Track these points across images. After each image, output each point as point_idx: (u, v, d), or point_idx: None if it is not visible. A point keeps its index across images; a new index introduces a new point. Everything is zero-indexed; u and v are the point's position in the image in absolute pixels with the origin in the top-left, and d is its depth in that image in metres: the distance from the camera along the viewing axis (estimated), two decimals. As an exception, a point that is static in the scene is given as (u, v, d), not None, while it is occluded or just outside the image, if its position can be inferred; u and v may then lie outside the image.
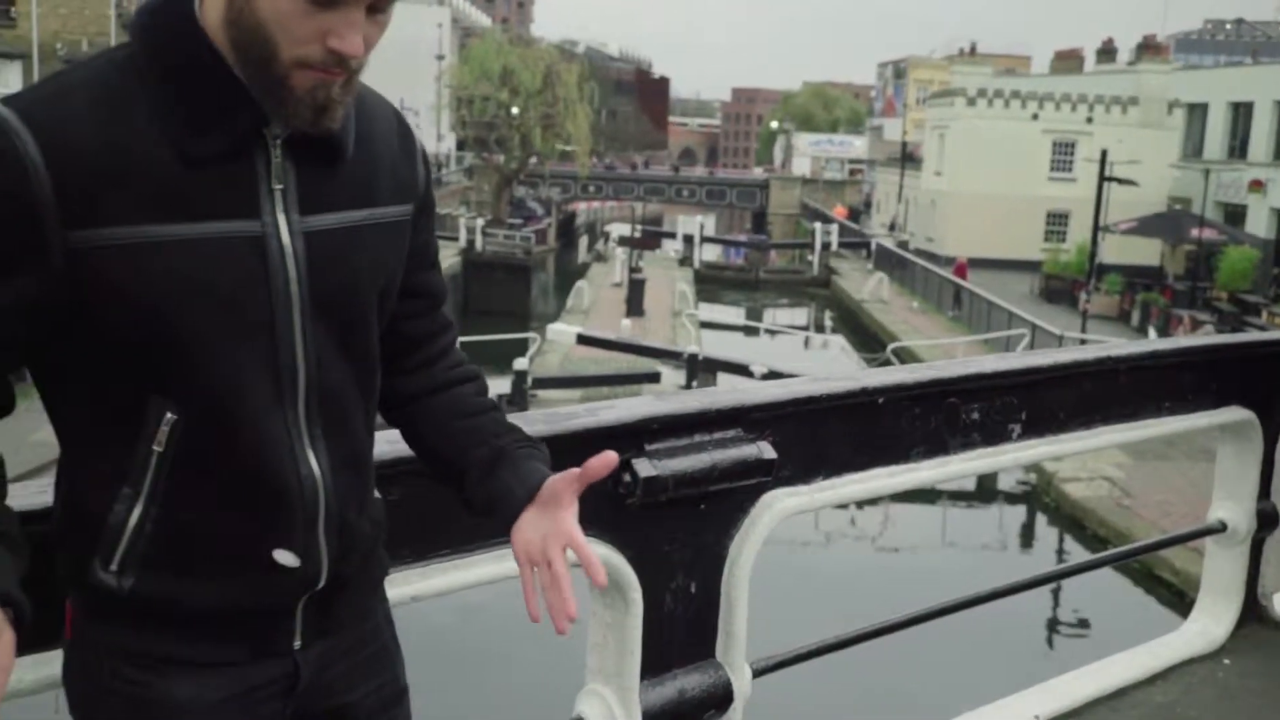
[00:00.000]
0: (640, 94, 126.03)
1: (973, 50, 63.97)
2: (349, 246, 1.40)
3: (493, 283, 42.93)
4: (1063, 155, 49.34)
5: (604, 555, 2.03)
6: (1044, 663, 13.41)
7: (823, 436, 2.40)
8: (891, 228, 58.10)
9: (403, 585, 1.79)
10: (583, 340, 25.89)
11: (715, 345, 29.55)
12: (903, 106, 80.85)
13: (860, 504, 18.23)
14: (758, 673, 2.37)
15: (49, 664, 1.47)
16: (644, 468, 2.03)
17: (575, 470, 1.43)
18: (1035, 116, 49.33)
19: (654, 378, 24.15)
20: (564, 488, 1.43)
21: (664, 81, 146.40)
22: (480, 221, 46.78)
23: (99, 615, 1.37)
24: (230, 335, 1.31)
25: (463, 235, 44.93)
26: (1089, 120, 48.75)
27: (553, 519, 1.42)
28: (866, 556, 17.12)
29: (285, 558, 1.37)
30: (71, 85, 1.28)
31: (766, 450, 2.22)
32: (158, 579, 1.34)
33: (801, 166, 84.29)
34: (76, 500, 1.36)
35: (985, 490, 20.07)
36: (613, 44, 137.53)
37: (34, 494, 1.47)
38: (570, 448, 1.98)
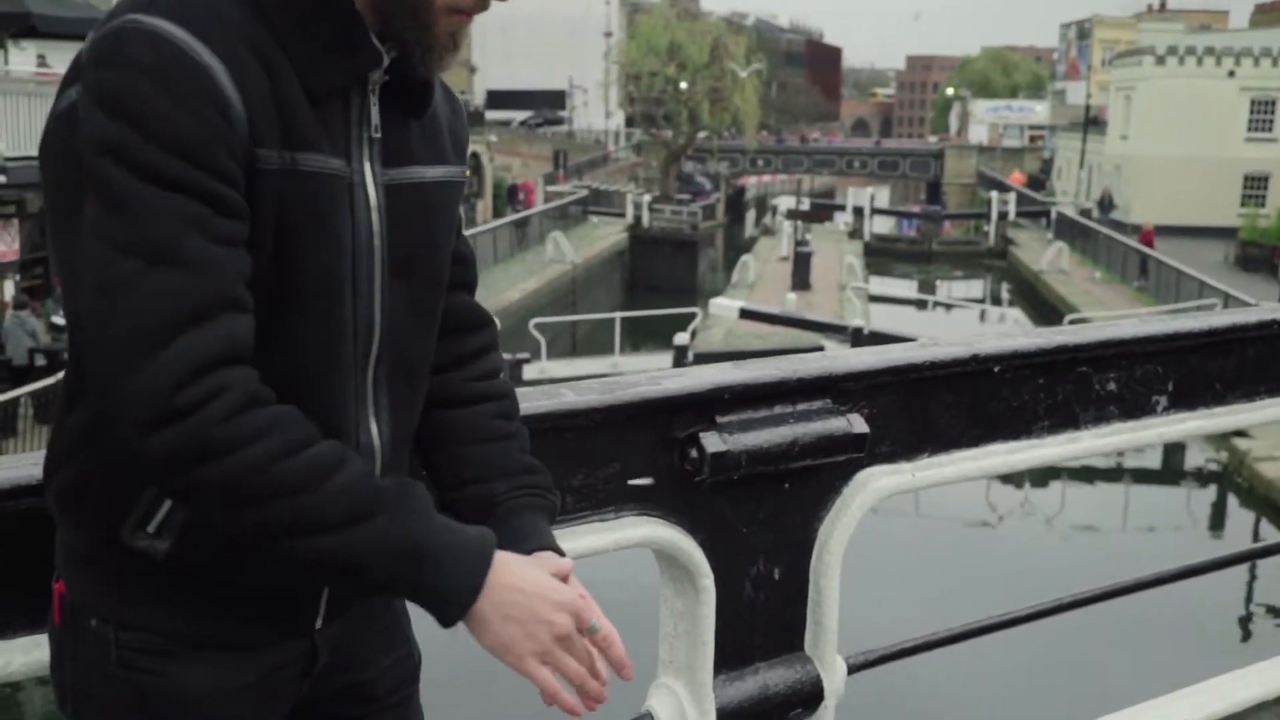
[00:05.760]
0: (811, 65, 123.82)
1: (1163, 6, 60.72)
2: (427, 203, 1.32)
3: (660, 258, 42.96)
4: (1262, 114, 46.36)
5: (671, 537, 1.86)
6: (1208, 661, 12.51)
7: (928, 409, 2.16)
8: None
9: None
10: (745, 315, 25.53)
11: (885, 319, 28.82)
12: (1086, 68, 77.14)
13: (1017, 481, 17.38)
14: (854, 668, 2.15)
15: (42, 648, 1.37)
16: (712, 442, 1.84)
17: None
18: (1232, 74, 46.43)
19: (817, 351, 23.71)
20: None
21: (835, 51, 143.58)
22: (647, 198, 46.79)
23: (115, 590, 1.25)
24: (329, 286, 1.22)
25: (630, 211, 45.09)
26: (1292, 76, 45.67)
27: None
28: (1023, 536, 16.28)
29: None
30: None
31: (858, 424, 2.00)
32: (196, 545, 1.21)
33: (978, 134, 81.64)
34: (109, 457, 1.20)
35: (1171, 469, 19.00)
36: (783, 15, 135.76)
37: (21, 467, 1.38)
38: (629, 418, 1.82)
